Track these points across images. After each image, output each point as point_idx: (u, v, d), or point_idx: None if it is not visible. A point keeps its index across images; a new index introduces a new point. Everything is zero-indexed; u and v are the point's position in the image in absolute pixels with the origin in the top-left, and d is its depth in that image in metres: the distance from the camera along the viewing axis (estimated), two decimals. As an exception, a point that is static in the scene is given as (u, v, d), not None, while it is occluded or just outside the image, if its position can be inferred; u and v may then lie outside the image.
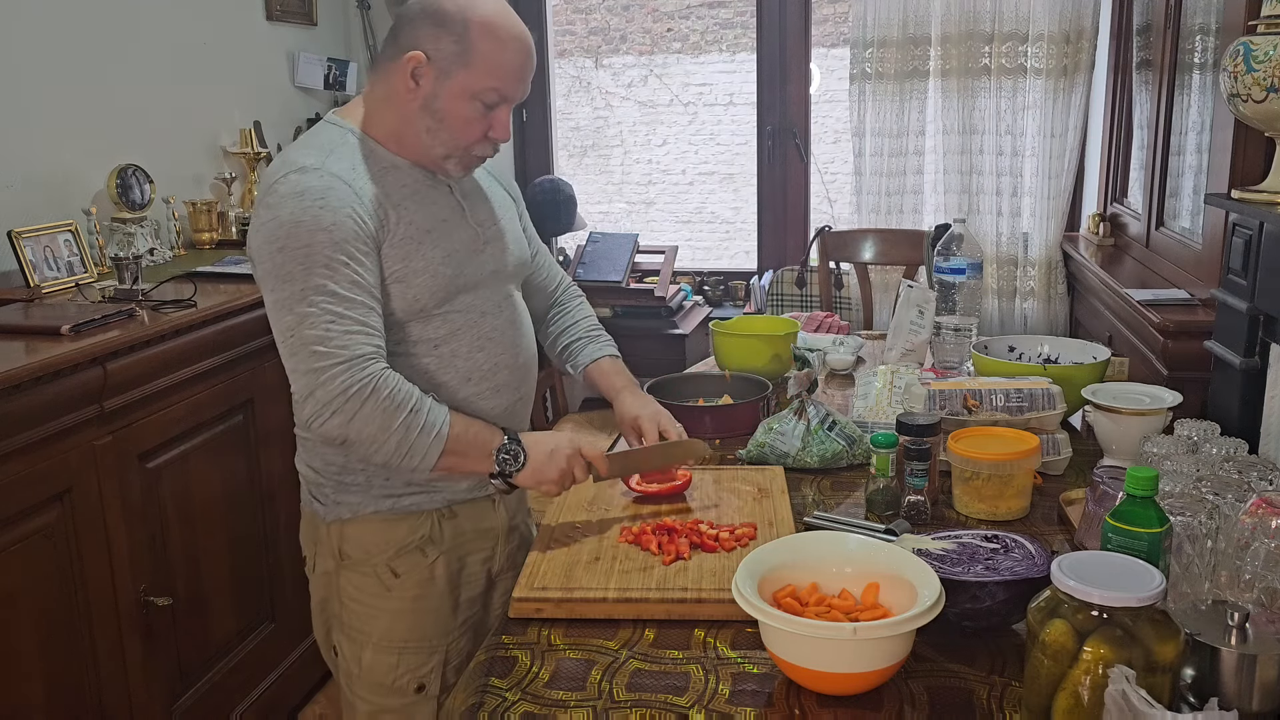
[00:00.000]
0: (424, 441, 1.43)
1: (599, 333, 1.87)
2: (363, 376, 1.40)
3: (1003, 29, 3.34)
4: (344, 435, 1.41)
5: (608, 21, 4.17)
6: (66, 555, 1.92)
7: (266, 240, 1.43)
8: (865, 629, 1.09)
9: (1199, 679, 1.03)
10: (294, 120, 3.49)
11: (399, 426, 1.41)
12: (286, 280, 1.41)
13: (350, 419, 1.39)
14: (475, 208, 1.62)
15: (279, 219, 1.42)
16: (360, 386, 1.39)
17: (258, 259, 1.45)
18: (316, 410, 1.40)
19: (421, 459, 1.44)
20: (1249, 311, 1.73)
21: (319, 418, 1.40)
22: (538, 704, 1.17)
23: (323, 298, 1.40)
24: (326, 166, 1.45)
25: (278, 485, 2.58)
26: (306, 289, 1.39)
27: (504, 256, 1.65)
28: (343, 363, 1.39)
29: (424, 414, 1.44)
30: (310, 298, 1.39)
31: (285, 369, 1.44)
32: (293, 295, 1.40)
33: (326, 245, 1.40)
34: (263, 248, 1.43)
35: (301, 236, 1.40)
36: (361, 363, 1.40)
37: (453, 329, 1.55)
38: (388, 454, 1.43)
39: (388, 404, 1.41)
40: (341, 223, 1.41)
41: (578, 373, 1.84)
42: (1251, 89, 1.69)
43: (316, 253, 1.40)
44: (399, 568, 1.58)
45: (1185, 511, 1.24)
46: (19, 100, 2.42)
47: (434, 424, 1.44)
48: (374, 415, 1.40)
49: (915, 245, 3.40)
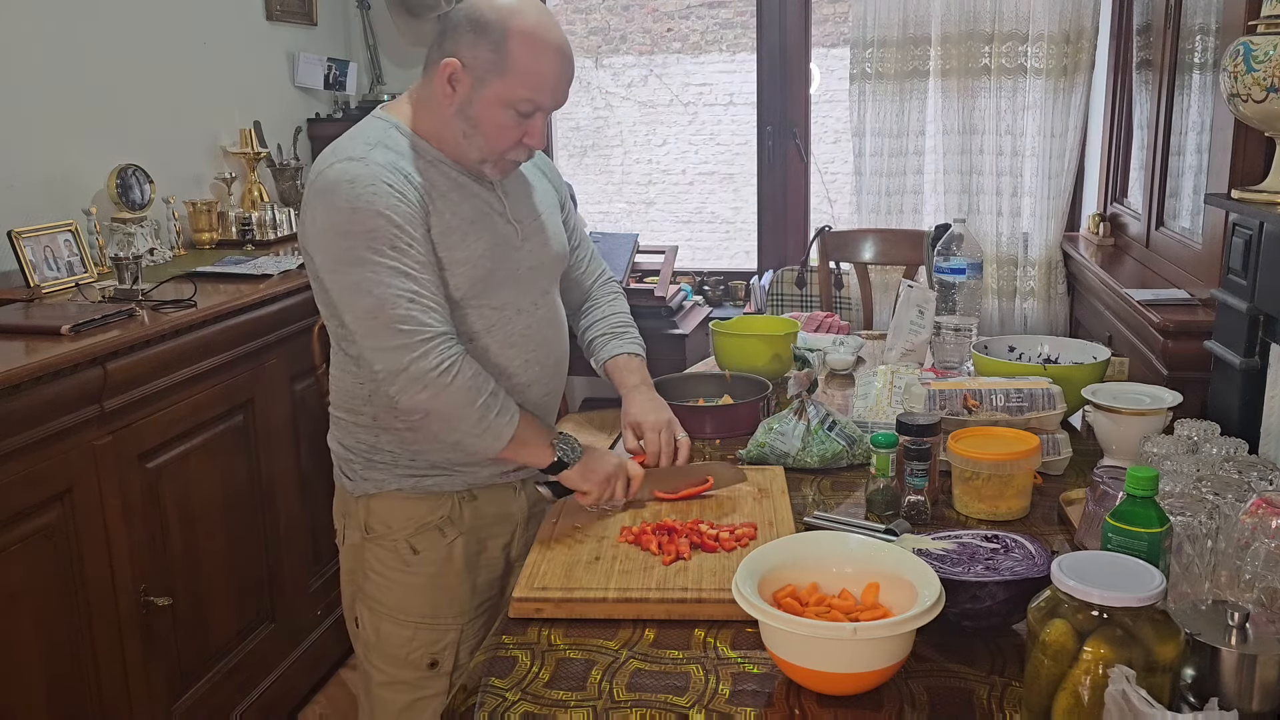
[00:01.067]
0: (499, 424, 1.51)
1: (625, 329, 1.88)
2: (451, 354, 1.47)
3: (1003, 29, 3.34)
4: (429, 409, 1.48)
5: (608, 21, 4.17)
6: (66, 555, 1.92)
7: (327, 228, 1.47)
8: (865, 629, 1.09)
9: (1199, 679, 1.03)
10: (294, 120, 3.50)
11: (480, 405, 1.49)
12: (357, 264, 1.46)
13: (438, 394, 1.46)
14: (517, 203, 1.66)
15: (335, 206, 1.46)
16: (449, 364, 1.47)
17: (318, 248, 1.50)
18: (406, 385, 1.46)
19: (494, 440, 1.52)
20: (1249, 311, 1.73)
21: (407, 392, 1.47)
22: (538, 704, 1.17)
23: (398, 279, 1.46)
24: (371, 157, 1.50)
25: (278, 485, 2.58)
26: (379, 272, 1.45)
27: (543, 251, 1.69)
28: (428, 339, 1.46)
29: (501, 397, 1.53)
30: (384, 280, 1.45)
31: (365, 349, 1.49)
32: (365, 278, 1.45)
33: (388, 227, 1.46)
34: (324, 235, 1.48)
35: (363, 221, 1.45)
36: (446, 340, 1.48)
37: (487, 325, 1.60)
38: (464, 431, 1.50)
39: (472, 383, 1.49)
40: (396, 206, 1.47)
41: (599, 366, 1.87)
42: (1251, 89, 1.69)
43: (380, 236, 1.45)
44: (419, 545, 1.65)
45: (1185, 511, 1.24)
46: (19, 100, 2.42)
47: (508, 410, 1.53)
48: (460, 393, 1.48)
49: (915, 245, 3.40)
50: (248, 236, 3.03)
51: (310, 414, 2.68)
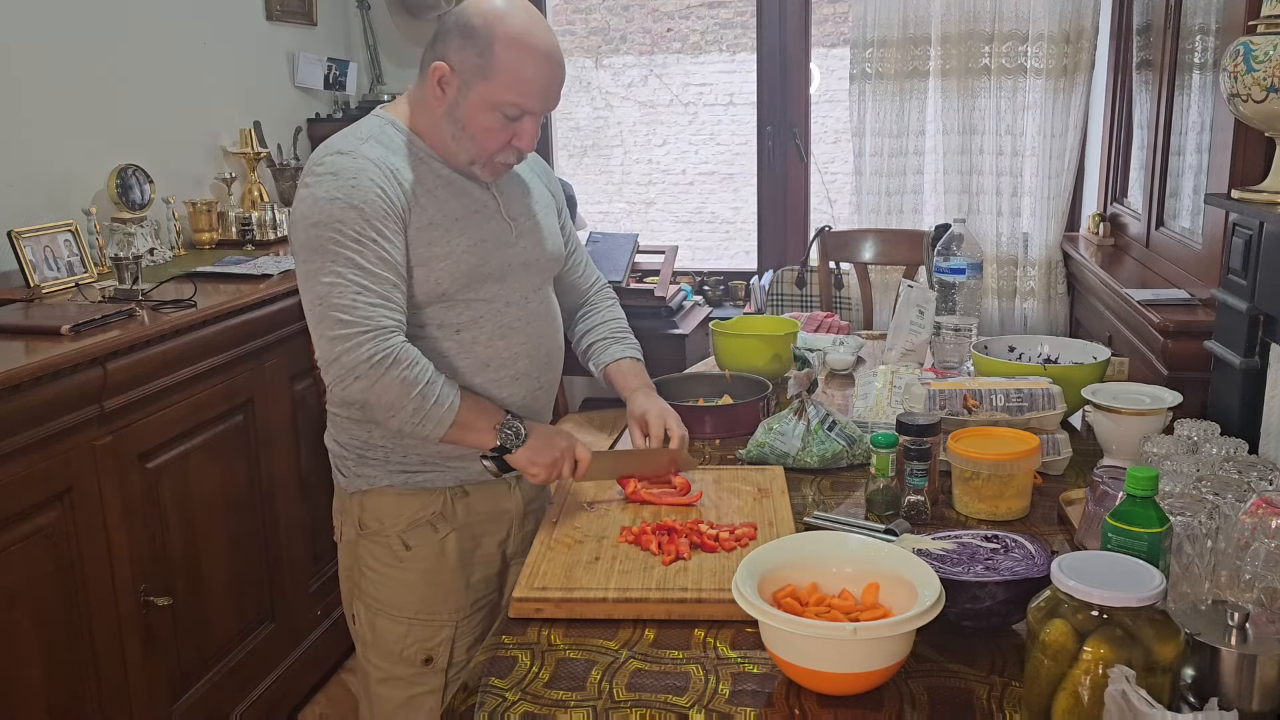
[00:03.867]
0: (437, 413, 1.52)
1: (624, 334, 1.90)
2: (385, 347, 1.48)
3: (1003, 29, 3.34)
4: (364, 400, 1.50)
5: (608, 21, 4.17)
6: (66, 555, 1.92)
7: (302, 216, 1.52)
8: (865, 629, 1.09)
9: (1199, 679, 1.03)
10: (294, 120, 3.50)
11: (417, 395, 1.50)
12: (318, 253, 1.49)
13: (371, 385, 1.48)
14: (511, 201, 1.69)
15: (315, 196, 1.50)
16: (383, 356, 1.47)
17: (294, 234, 1.55)
18: (340, 375, 1.48)
19: (435, 426, 1.53)
20: (1249, 311, 1.73)
21: (341, 382, 1.49)
22: (538, 704, 1.17)
23: (351, 271, 1.48)
24: (361, 151, 1.54)
25: (278, 485, 2.58)
26: (337, 262, 1.48)
27: (536, 250, 1.71)
28: (367, 332, 1.47)
29: (438, 386, 1.53)
30: (339, 270, 1.48)
31: (311, 336, 1.53)
32: (323, 267, 1.49)
33: (357, 222, 1.49)
34: (299, 223, 1.52)
35: (334, 213, 1.48)
36: (384, 334, 1.49)
37: (475, 316, 1.62)
38: (403, 420, 1.51)
39: (406, 374, 1.49)
40: (372, 201, 1.50)
41: (598, 371, 1.88)
42: (1251, 89, 1.69)
43: (347, 229, 1.48)
44: (411, 540, 1.66)
45: (1185, 511, 1.24)
46: (19, 100, 2.42)
47: (447, 397, 1.54)
48: (393, 384, 1.48)
49: (915, 245, 3.40)
50: (248, 236, 3.03)
51: (310, 414, 2.68)
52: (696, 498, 1.65)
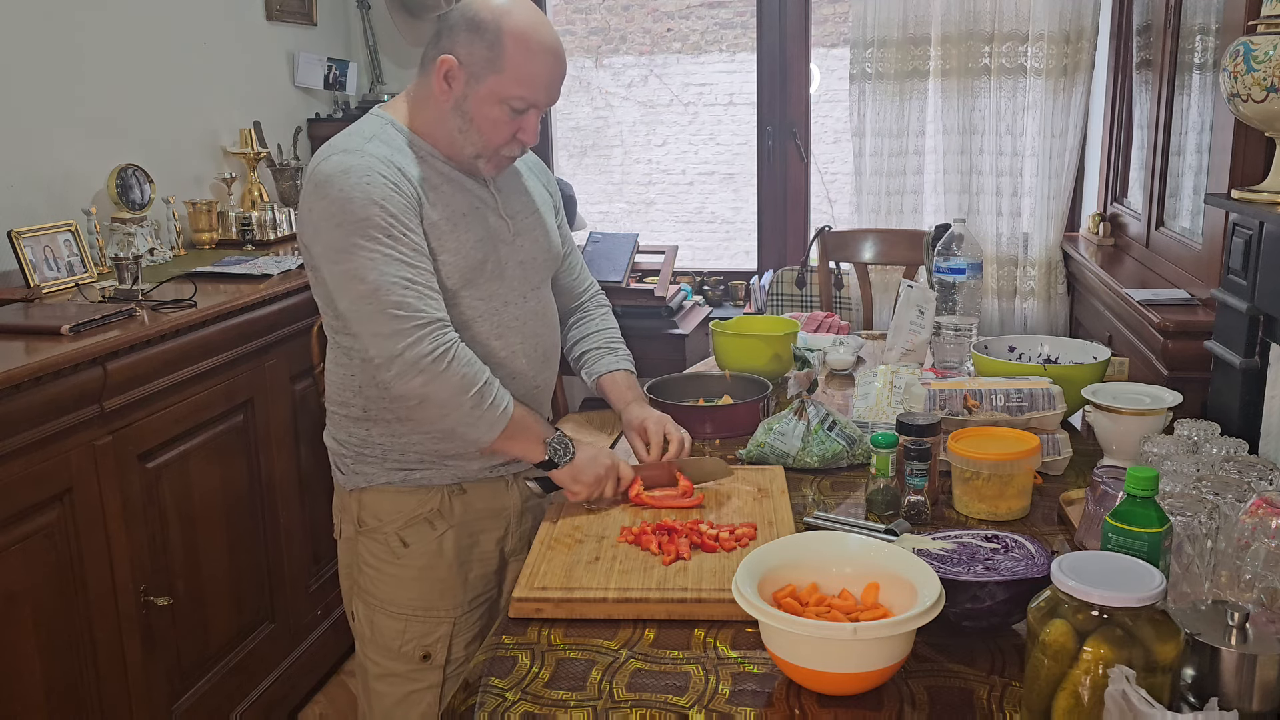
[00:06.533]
0: (491, 415, 1.53)
1: (618, 345, 1.91)
2: (445, 341, 1.49)
3: (1003, 29, 3.34)
4: (424, 395, 1.50)
5: (608, 21, 4.17)
6: (66, 555, 1.92)
7: (322, 219, 1.50)
8: (865, 629, 1.09)
9: (1199, 679, 1.03)
10: (294, 120, 3.49)
11: (475, 394, 1.51)
12: (352, 252, 1.48)
13: (432, 379, 1.48)
14: (510, 200, 1.70)
15: (329, 197, 1.49)
16: (443, 350, 1.48)
17: (314, 238, 1.53)
18: (402, 370, 1.48)
19: (486, 431, 1.54)
20: (1249, 311, 1.73)
21: (403, 378, 1.48)
22: (538, 704, 1.17)
23: (393, 265, 1.48)
24: (368, 150, 1.54)
25: (278, 485, 2.58)
26: (374, 257, 1.48)
27: (535, 248, 1.72)
28: (422, 325, 1.48)
29: (496, 388, 1.54)
30: (380, 266, 1.48)
31: (361, 336, 1.51)
32: (361, 266, 1.48)
33: (382, 216, 1.49)
34: (319, 226, 1.51)
35: (356, 210, 1.48)
36: (441, 326, 1.50)
37: (474, 314, 1.63)
38: (458, 419, 1.52)
39: (467, 370, 1.50)
40: (390, 197, 1.50)
41: (591, 380, 1.89)
42: (1251, 89, 1.69)
43: (375, 224, 1.48)
44: (408, 537, 1.66)
45: (1185, 511, 1.24)
46: (19, 100, 2.42)
47: (502, 401, 1.54)
48: (454, 379, 1.49)
49: (915, 245, 3.40)
50: (248, 236, 3.03)
51: (310, 414, 2.68)
52: (699, 500, 1.65)
